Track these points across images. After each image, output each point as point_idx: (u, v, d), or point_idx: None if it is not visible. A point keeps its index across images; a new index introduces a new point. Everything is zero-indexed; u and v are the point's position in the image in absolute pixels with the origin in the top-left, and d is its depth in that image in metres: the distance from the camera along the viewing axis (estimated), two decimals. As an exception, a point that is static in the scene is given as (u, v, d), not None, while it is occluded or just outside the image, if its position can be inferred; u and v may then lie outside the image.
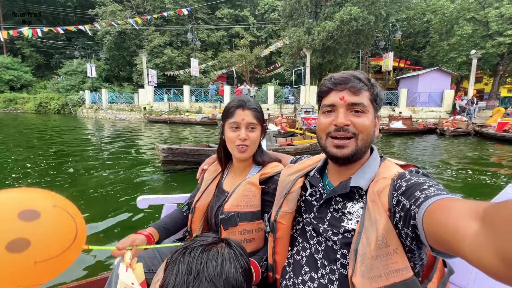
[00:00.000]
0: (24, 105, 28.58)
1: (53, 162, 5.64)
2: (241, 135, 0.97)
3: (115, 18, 27.06)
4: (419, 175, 0.64)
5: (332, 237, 0.70)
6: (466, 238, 0.40)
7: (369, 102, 0.70)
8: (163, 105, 18.29)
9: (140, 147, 8.20)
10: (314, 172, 0.81)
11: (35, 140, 9.09)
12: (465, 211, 0.44)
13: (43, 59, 35.08)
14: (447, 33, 19.02)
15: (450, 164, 6.46)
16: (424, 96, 16.38)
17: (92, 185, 4.16)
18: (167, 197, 1.37)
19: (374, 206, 0.64)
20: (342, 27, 13.36)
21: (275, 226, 0.82)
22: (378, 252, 0.60)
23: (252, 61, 19.67)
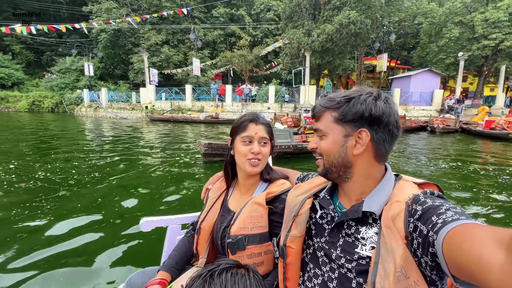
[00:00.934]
0: (16, 103, 27.99)
1: (105, 161, 6.04)
2: (254, 148, 0.96)
3: (111, 15, 26.89)
4: (434, 197, 0.62)
5: (346, 264, 0.68)
6: (492, 268, 0.39)
7: (331, 123, 0.70)
8: (165, 104, 18.55)
9: (167, 144, 8.62)
10: (324, 194, 0.79)
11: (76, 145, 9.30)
12: (489, 239, 0.42)
13: (33, 56, 34.28)
14: (436, 35, 20.09)
15: (445, 156, 7.24)
16: (416, 95, 17.36)
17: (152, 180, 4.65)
18: (171, 218, 1.33)
19: (389, 233, 0.60)
20: (341, 30, 14.08)
21: (285, 250, 0.79)
22: (397, 285, 0.56)
23: (252, 61, 20.14)
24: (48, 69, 31.14)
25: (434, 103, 17.23)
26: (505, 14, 15.70)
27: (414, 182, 0.69)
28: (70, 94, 24.84)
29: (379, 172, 0.71)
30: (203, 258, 1.03)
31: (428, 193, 0.63)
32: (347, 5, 14.17)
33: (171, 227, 1.33)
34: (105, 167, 5.45)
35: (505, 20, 15.72)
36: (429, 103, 17.39)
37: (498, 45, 16.17)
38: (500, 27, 15.96)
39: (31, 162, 5.74)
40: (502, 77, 17.41)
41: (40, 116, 20.44)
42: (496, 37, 15.94)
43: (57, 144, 8.40)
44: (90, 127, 14.23)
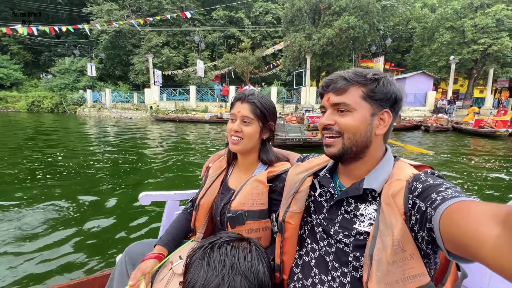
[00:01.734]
0: (15, 103, 27.97)
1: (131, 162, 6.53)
2: (233, 126, 0.98)
3: (111, 17, 27.17)
4: (435, 177, 0.63)
5: (344, 239, 0.69)
6: (486, 242, 0.39)
7: (360, 99, 0.68)
8: (169, 104, 19.00)
9: (184, 140, 9.14)
10: (325, 172, 0.80)
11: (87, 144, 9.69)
12: (485, 214, 0.43)
13: (31, 56, 34.20)
14: (428, 39, 21.07)
15: (441, 153, 7.98)
16: (410, 96, 18.23)
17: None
18: (170, 194, 1.36)
19: (389, 210, 0.62)
20: (341, 34, 14.83)
21: (283, 226, 0.81)
22: (394, 257, 0.59)
23: (254, 63, 20.80)
24: (47, 69, 31.14)
25: (427, 104, 18.13)
26: (493, 20, 16.69)
27: (410, 164, 0.72)
28: (72, 95, 24.96)
29: (382, 152, 0.73)
30: (201, 233, 1.05)
31: (429, 173, 0.65)
32: (346, 10, 14.95)
33: (170, 202, 1.35)
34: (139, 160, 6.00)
35: (492, 26, 16.72)
36: (423, 103, 18.28)
37: (487, 49, 17.16)
38: (488, 32, 16.96)
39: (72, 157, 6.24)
40: (490, 79, 18.41)
41: (44, 117, 20.60)
42: (484, 42, 16.92)
43: (90, 144, 8.85)
44: (106, 126, 14.59)
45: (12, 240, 2.37)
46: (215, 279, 0.56)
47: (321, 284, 0.71)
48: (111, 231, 2.50)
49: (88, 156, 6.30)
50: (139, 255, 1.01)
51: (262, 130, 1.00)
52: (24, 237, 2.42)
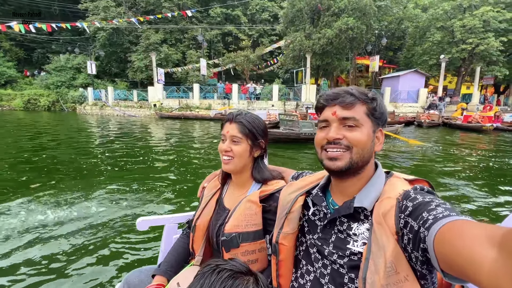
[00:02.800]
0: (10, 102, 27.64)
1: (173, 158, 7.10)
2: (223, 146, 1.00)
3: (108, 14, 27.06)
4: (424, 193, 0.63)
5: (338, 260, 0.68)
6: (483, 265, 0.39)
7: (365, 116, 0.70)
8: (173, 102, 19.40)
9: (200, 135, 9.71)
10: (317, 191, 0.79)
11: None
12: (480, 236, 0.43)
13: (23, 53, 33.61)
14: (420, 38, 22.10)
15: (436, 144, 8.89)
16: (404, 93, 19.25)
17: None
18: (167, 218, 1.35)
19: (380, 230, 0.61)
20: (340, 35, 15.58)
21: (277, 247, 0.80)
22: (387, 280, 0.57)
23: (255, 61, 21.38)
24: (42, 67, 30.72)
25: (420, 101, 19.20)
26: (480, 21, 17.76)
27: (405, 179, 0.71)
28: (72, 93, 24.90)
29: (373, 169, 0.74)
30: (199, 256, 1.04)
31: (418, 189, 0.65)
32: (345, 12, 15.68)
33: (168, 226, 1.34)
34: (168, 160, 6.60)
35: (479, 26, 17.79)
36: (415, 100, 19.34)
37: (474, 49, 18.26)
38: (475, 32, 18.03)
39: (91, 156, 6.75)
40: (477, 77, 19.60)
41: (44, 116, 20.62)
42: (472, 42, 18.00)
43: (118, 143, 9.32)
44: (116, 125, 14.93)
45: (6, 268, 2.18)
46: None
47: None
48: (108, 258, 2.37)
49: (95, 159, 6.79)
50: (137, 283, 1.01)
51: (252, 148, 1.01)
52: (18, 263, 2.26)
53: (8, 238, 2.62)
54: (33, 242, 2.56)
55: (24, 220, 3.00)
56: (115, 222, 3.03)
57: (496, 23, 17.74)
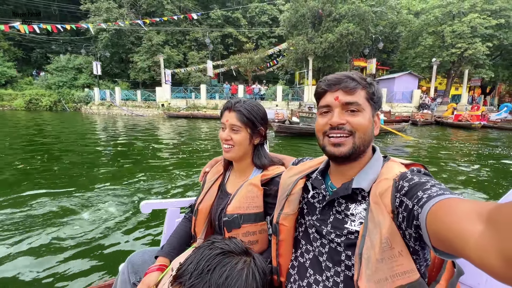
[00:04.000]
0: (11, 102, 27.64)
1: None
2: (223, 135, 1.02)
3: (110, 15, 27.46)
4: (421, 175, 0.65)
5: (336, 239, 0.71)
6: (470, 239, 0.40)
7: (365, 100, 0.71)
8: (180, 102, 20.08)
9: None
10: (316, 174, 0.82)
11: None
12: (469, 212, 0.44)
13: (22, 53, 33.49)
14: (413, 42, 23.48)
15: (430, 140, 10.01)
16: (399, 94, 20.51)
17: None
18: (171, 201, 1.39)
19: (377, 208, 0.64)
20: (341, 39, 16.65)
21: (278, 228, 0.83)
22: (383, 254, 0.60)
23: (259, 63, 22.30)
24: (43, 67, 30.76)
25: (413, 101, 20.50)
26: (468, 27, 19.17)
27: (401, 163, 0.73)
28: (78, 93, 25.22)
29: (371, 152, 0.77)
30: (201, 239, 1.08)
31: (415, 171, 0.68)
32: (345, 18, 16.76)
33: (170, 209, 1.38)
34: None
35: (468, 32, 19.19)
36: (409, 100, 20.63)
37: (463, 53, 19.66)
38: (464, 38, 19.43)
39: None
40: (465, 79, 21.02)
41: (53, 116, 20.95)
42: (461, 46, 19.39)
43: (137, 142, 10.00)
44: (128, 124, 15.52)
45: (14, 252, 2.29)
46: (188, 275, 0.58)
47: (316, 284, 0.72)
48: (113, 239, 2.48)
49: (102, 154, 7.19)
50: (140, 263, 1.04)
51: (251, 136, 1.03)
52: (25, 246, 2.37)
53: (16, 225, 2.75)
54: (42, 228, 2.68)
55: (35, 208, 3.12)
56: (120, 206, 3.17)
57: (482, 29, 19.17)
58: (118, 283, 1.03)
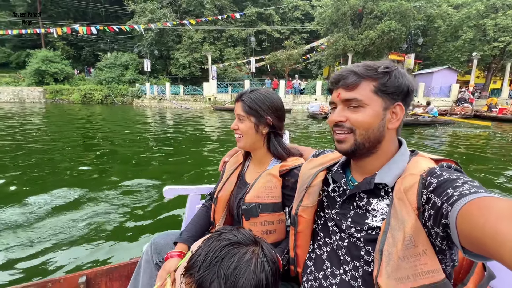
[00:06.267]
0: (69, 96, 30.94)
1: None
2: (232, 125, 1.05)
3: (154, 15, 29.65)
4: (451, 171, 0.61)
5: (356, 233, 0.70)
6: (506, 241, 0.38)
7: (371, 94, 0.67)
8: (224, 96, 21.85)
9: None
10: (337, 167, 0.80)
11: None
12: (505, 212, 0.42)
13: (73, 51, 36.88)
14: (451, 36, 23.43)
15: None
16: (437, 88, 20.86)
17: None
18: (192, 188, 1.45)
19: (401, 205, 0.62)
20: (382, 36, 17.38)
21: (296, 219, 0.82)
22: (405, 252, 0.58)
23: (298, 59, 23.51)
24: (95, 64, 33.85)
25: (451, 95, 20.78)
26: (512, 20, 19.05)
27: (431, 158, 0.69)
28: (131, 88, 27.82)
29: (396, 146, 0.73)
30: (220, 226, 1.10)
31: (445, 167, 0.63)
32: (387, 15, 17.41)
33: (191, 196, 1.46)
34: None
35: (512, 25, 19.09)
36: (447, 95, 20.92)
37: (506, 46, 19.56)
38: (508, 31, 19.30)
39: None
40: (507, 73, 20.86)
41: (113, 109, 23.46)
42: (504, 40, 19.31)
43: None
44: (183, 115, 17.47)
45: (54, 231, 2.49)
46: (197, 266, 0.59)
47: (333, 277, 0.72)
48: (140, 221, 2.68)
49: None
50: (163, 245, 1.10)
51: (257, 125, 1.02)
52: (69, 225, 2.58)
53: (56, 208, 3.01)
54: (77, 211, 2.91)
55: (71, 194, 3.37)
56: (146, 191, 3.41)
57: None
58: (142, 262, 1.10)
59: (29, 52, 31.83)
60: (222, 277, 0.56)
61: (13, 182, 3.82)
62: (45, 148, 6.27)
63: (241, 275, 0.57)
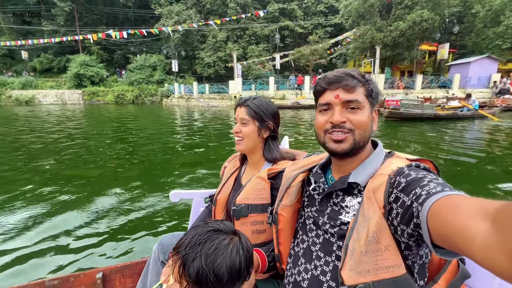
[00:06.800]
0: (104, 97, 33.20)
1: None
2: (234, 128, 1.11)
3: (180, 17, 30.70)
4: (419, 169, 0.65)
5: (330, 229, 0.74)
6: (475, 238, 0.40)
7: (364, 98, 0.72)
8: (250, 93, 22.24)
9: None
10: (317, 168, 0.85)
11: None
12: (474, 210, 0.43)
13: (106, 55, 39.31)
14: (491, 21, 21.71)
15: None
16: (474, 79, 19.55)
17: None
18: (196, 192, 1.56)
19: (369, 203, 0.65)
20: (413, 27, 16.62)
21: (276, 217, 0.88)
22: (367, 248, 0.61)
23: (322, 54, 23.25)
24: (125, 66, 35.91)
25: (491, 86, 19.38)
26: None
27: (407, 159, 0.72)
28: (161, 88, 29.25)
29: (371, 147, 0.79)
30: None
31: (413, 166, 0.67)
32: (418, 4, 16.60)
33: (196, 199, 1.56)
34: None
35: None
36: (486, 86, 19.52)
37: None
38: (558, 14, 17.55)
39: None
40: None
41: (145, 108, 24.84)
42: (554, 24, 17.59)
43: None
44: (211, 113, 18.16)
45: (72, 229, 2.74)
46: (184, 247, 0.66)
47: (305, 273, 0.76)
48: (148, 223, 2.88)
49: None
50: (168, 245, 1.16)
51: (259, 129, 1.10)
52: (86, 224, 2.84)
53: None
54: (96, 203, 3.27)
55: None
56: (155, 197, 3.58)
57: None
58: (151, 260, 1.17)
59: (68, 58, 34.51)
60: (203, 255, 0.64)
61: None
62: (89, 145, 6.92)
63: (219, 255, 0.65)
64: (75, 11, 35.14)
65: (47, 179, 4.34)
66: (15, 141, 7.72)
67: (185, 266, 0.64)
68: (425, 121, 10.98)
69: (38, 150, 6.54)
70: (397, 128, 9.79)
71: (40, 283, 1.29)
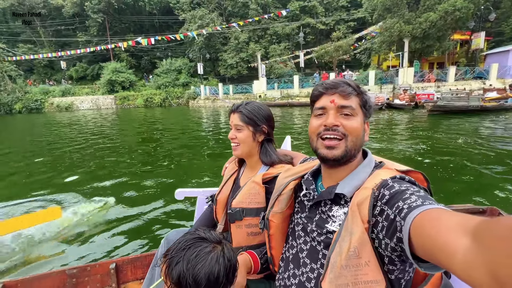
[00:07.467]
0: (134, 101, 35.09)
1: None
2: (229, 135, 1.14)
3: (203, 21, 31.65)
4: (402, 182, 0.65)
5: (317, 237, 0.75)
6: (456, 253, 0.40)
7: (358, 106, 0.74)
8: (274, 92, 22.58)
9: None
10: (308, 175, 0.86)
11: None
12: (455, 225, 0.44)
13: (134, 61, 41.44)
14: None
15: None
16: (514, 69, 18.38)
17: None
18: (200, 191, 1.62)
19: (353, 218, 0.66)
20: (445, 17, 15.99)
21: (267, 223, 0.91)
22: (348, 262, 0.62)
23: (347, 49, 23.02)
24: (152, 71, 37.68)
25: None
26: None
27: (397, 169, 0.72)
28: (187, 90, 30.47)
29: (360, 157, 0.80)
30: (221, 225, 1.23)
31: (397, 178, 0.67)
32: (452, -8, 15.93)
33: (200, 197, 1.63)
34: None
35: None
36: (528, 75, 18.30)
37: None
38: None
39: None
40: None
41: (171, 110, 25.91)
42: None
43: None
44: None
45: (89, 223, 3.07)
46: (169, 252, 0.72)
47: (293, 278, 0.79)
48: (156, 221, 3.11)
49: None
50: (174, 240, 1.14)
51: (254, 133, 1.12)
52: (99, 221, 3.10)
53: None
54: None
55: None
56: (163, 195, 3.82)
57: None
58: (158, 254, 1.23)
59: (100, 65, 36.86)
60: (185, 260, 0.69)
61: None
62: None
63: (199, 262, 0.69)
64: (106, 22, 37.42)
65: (122, 174, 4.95)
66: (86, 145, 8.65)
67: (169, 268, 0.70)
68: (470, 113, 10.96)
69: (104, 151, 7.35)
70: (442, 122, 9.78)
71: (61, 271, 1.44)
